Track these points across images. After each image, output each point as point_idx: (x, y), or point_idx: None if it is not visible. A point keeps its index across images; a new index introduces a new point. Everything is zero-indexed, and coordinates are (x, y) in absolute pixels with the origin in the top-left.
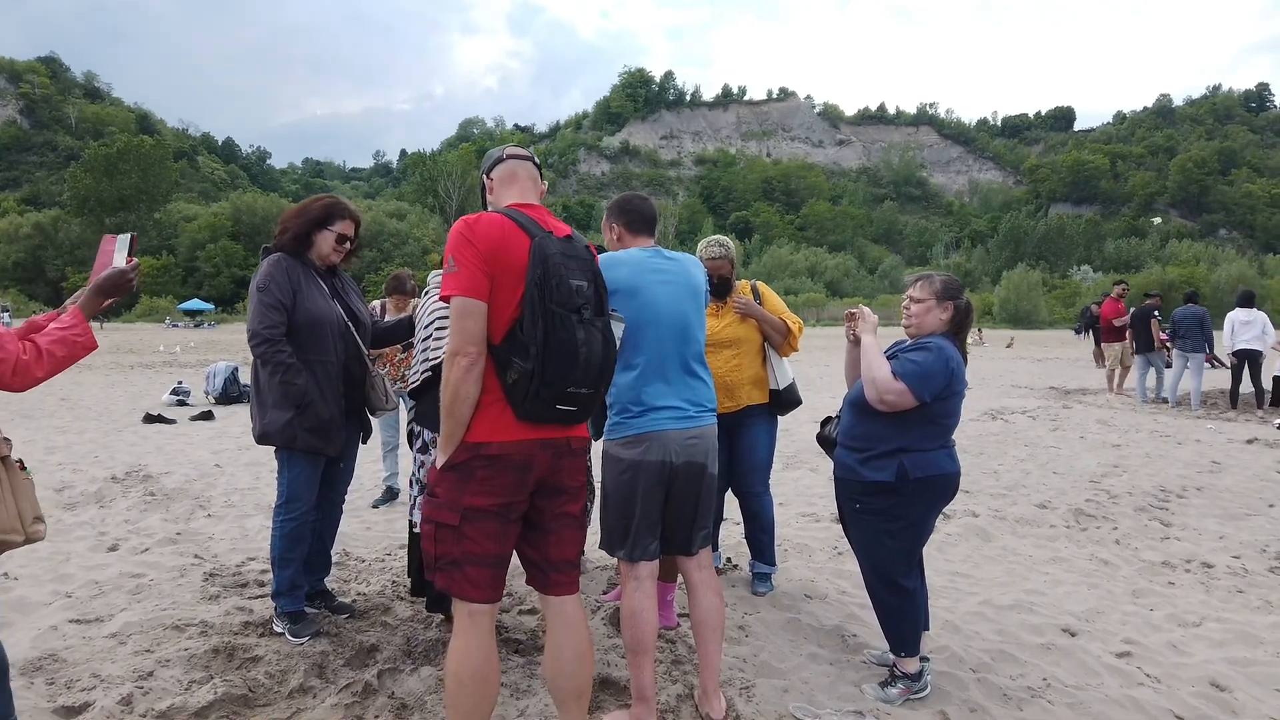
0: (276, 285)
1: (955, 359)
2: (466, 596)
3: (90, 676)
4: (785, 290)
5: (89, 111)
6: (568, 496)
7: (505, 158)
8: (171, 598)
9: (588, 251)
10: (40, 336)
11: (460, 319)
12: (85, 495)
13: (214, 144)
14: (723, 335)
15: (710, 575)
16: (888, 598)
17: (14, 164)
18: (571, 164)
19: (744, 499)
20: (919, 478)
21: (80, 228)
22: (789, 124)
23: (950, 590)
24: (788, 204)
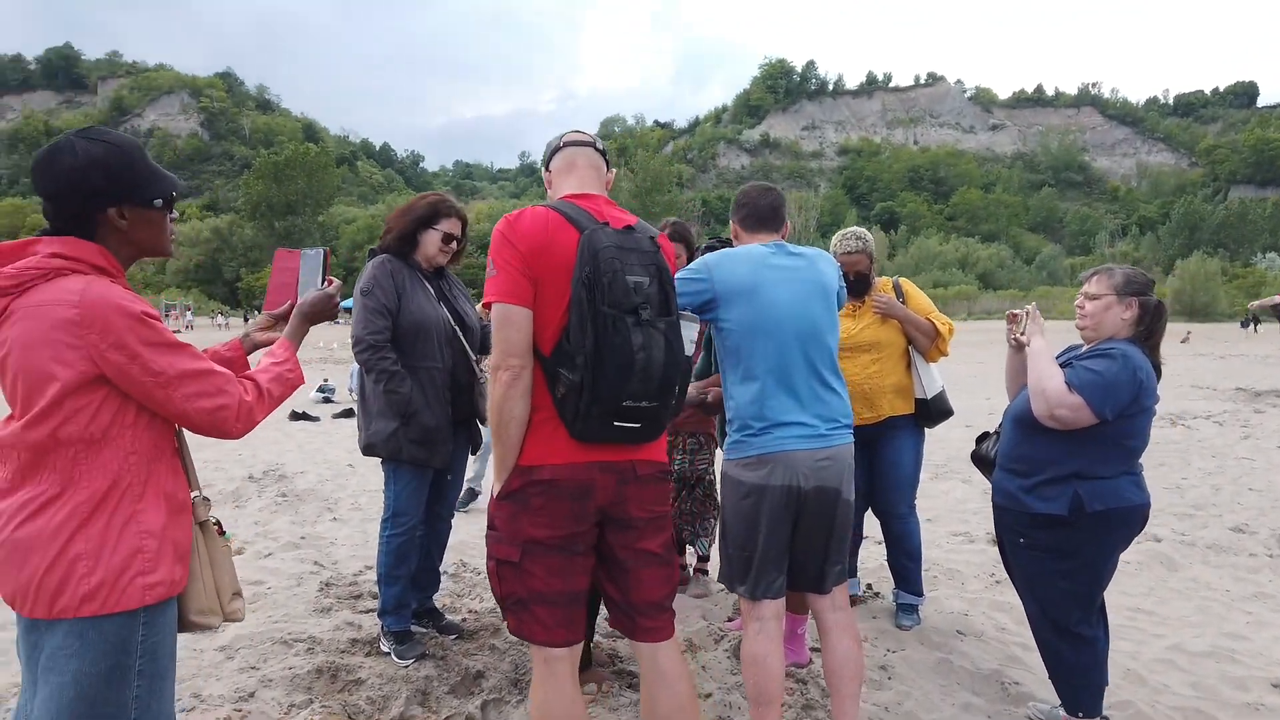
0: (380, 289)
1: (1144, 368)
2: (537, 640)
3: (191, 696)
4: (934, 283)
5: (260, 122)
6: (640, 530)
7: (563, 145)
8: (285, 609)
9: (652, 243)
10: (259, 375)
11: (501, 329)
12: (223, 495)
13: (372, 149)
14: (861, 338)
15: (847, 617)
16: (1060, 647)
17: (196, 173)
18: (710, 158)
19: (886, 520)
20: (1098, 510)
21: (253, 231)
22: (937, 110)
23: (1131, 631)
24: (936, 193)
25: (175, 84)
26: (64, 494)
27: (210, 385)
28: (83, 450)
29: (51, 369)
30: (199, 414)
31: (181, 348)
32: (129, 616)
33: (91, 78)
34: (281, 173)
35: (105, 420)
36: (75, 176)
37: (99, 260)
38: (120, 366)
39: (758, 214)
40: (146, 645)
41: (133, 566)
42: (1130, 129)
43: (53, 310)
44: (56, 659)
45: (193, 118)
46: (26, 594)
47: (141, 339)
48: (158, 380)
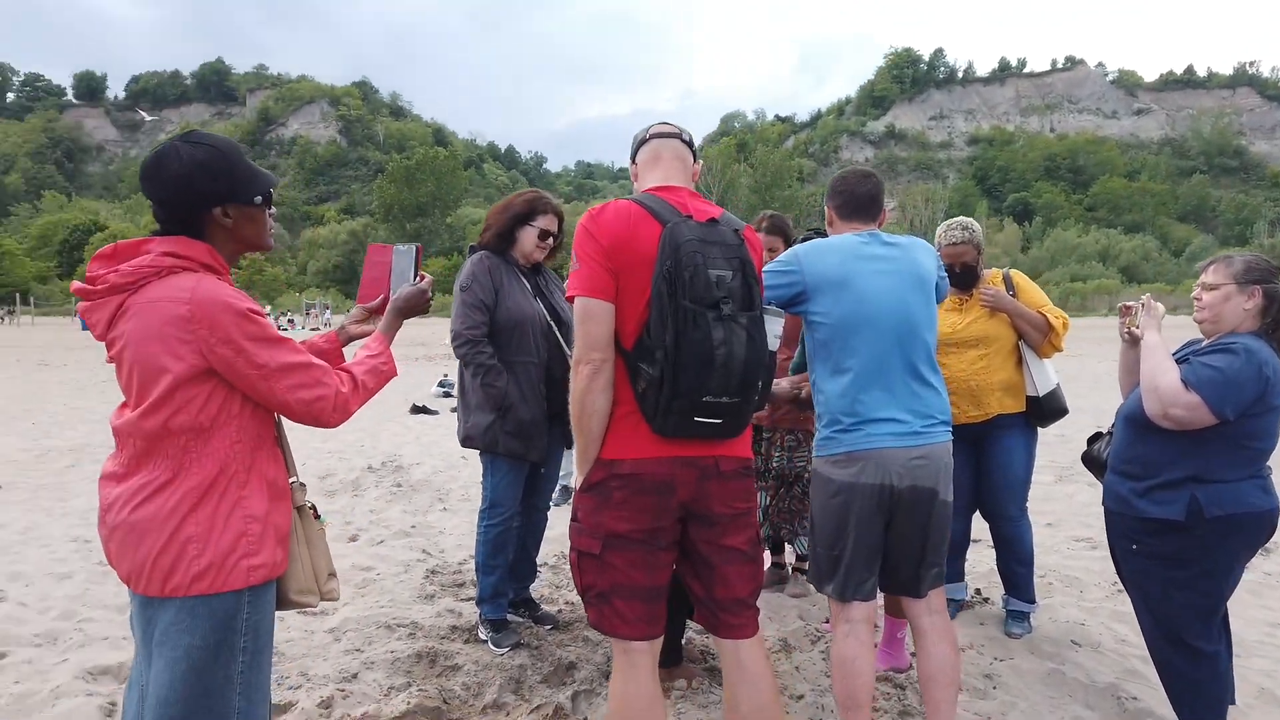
0: (479, 284)
1: (1272, 363)
2: (617, 633)
3: (299, 675)
4: (1071, 276)
5: (393, 128)
6: (723, 527)
7: (649, 137)
8: (391, 594)
9: (737, 236)
10: (355, 367)
11: (583, 322)
12: (343, 484)
13: (497, 152)
14: (967, 333)
15: (943, 621)
16: (1176, 661)
17: (334, 179)
18: (833, 152)
19: (995, 523)
20: (1218, 516)
21: (385, 233)
22: (1076, 95)
23: (1270, 648)
24: (1074, 182)
25: (315, 94)
26: (175, 480)
27: (309, 377)
28: (192, 439)
29: (164, 362)
30: (298, 404)
31: (283, 342)
32: (235, 596)
33: (240, 90)
34: (412, 176)
35: (213, 410)
36: (182, 180)
37: (207, 259)
38: (227, 360)
39: (854, 201)
40: (250, 623)
41: (238, 549)
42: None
43: (166, 307)
44: (169, 634)
45: (331, 125)
46: (141, 573)
47: (247, 334)
48: (261, 373)
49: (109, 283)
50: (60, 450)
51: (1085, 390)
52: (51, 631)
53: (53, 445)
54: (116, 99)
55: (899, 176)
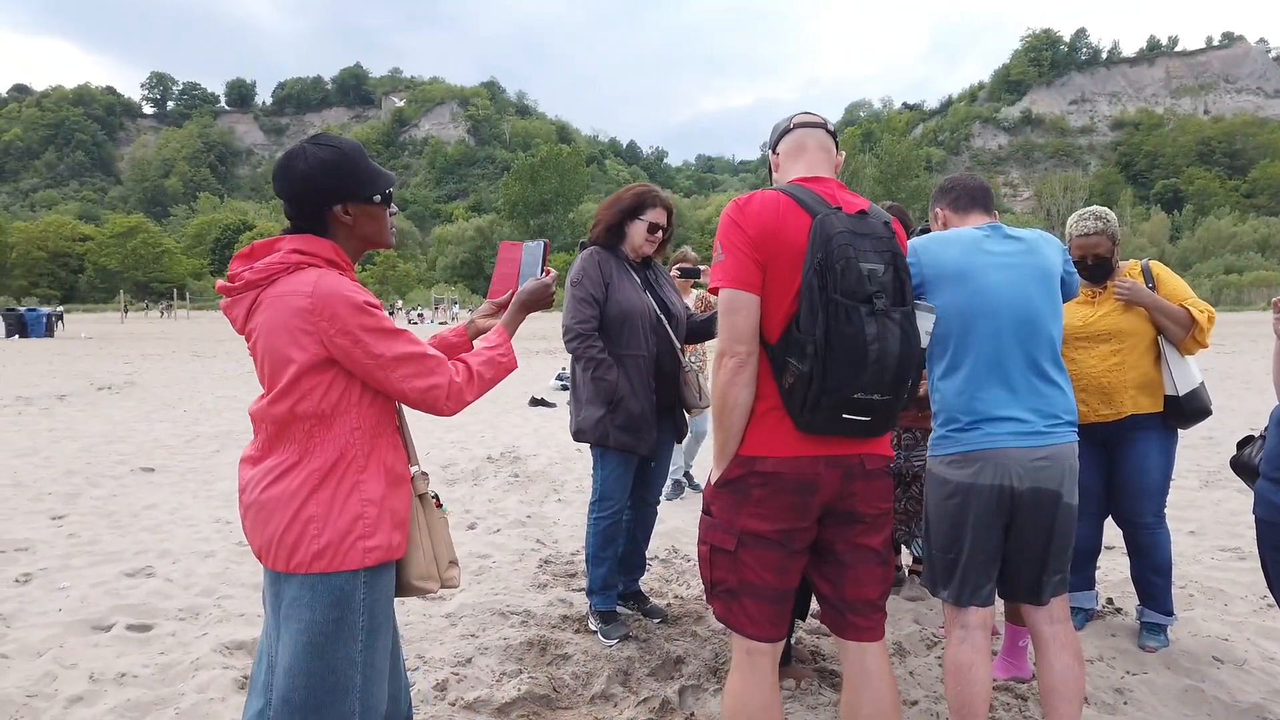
0: (589, 279)
1: None
2: (743, 631)
3: (416, 657)
4: (1226, 268)
5: (519, 127)
6: (864, 526)
7: (793, 127)
8: (506, 582)
9: (887, 229)
10: (471, 358)
11: (727, 314)
12: (464, 473)
13: (619, 147)
14: (1100, 327)
15: (1066, 630)
16: None
17: (463, 177)
18: (964, 139)
19: (1129, 530)
20: None
21: (510, 229)
22: (1233, 74)
23: None
24: (1231, 167)
25: (446, 95)
26: (301, 462)
27: (424, 367)
28: (316, 424)
29: (290, 352)
30: (414, 393)
31: (399, 333)
32: (352, 575)
33: (377, 93)
34: (537, 173)
35: (335, 398)
36: (308, 179)
37: (331, 255)
38: (346, 350)
39: (969, 194)
40: (366, 603)
41: (355, 530)
42: None
43: (291, 300)
44: (293, 608)
45: (461, 125)
46: (269, 549)
47: (363, 326)
48: (377, 362)
49: (245, 279)
50: (207, 436)
51: (1238, 389)
52: (194, 606)
53: (201, 431)
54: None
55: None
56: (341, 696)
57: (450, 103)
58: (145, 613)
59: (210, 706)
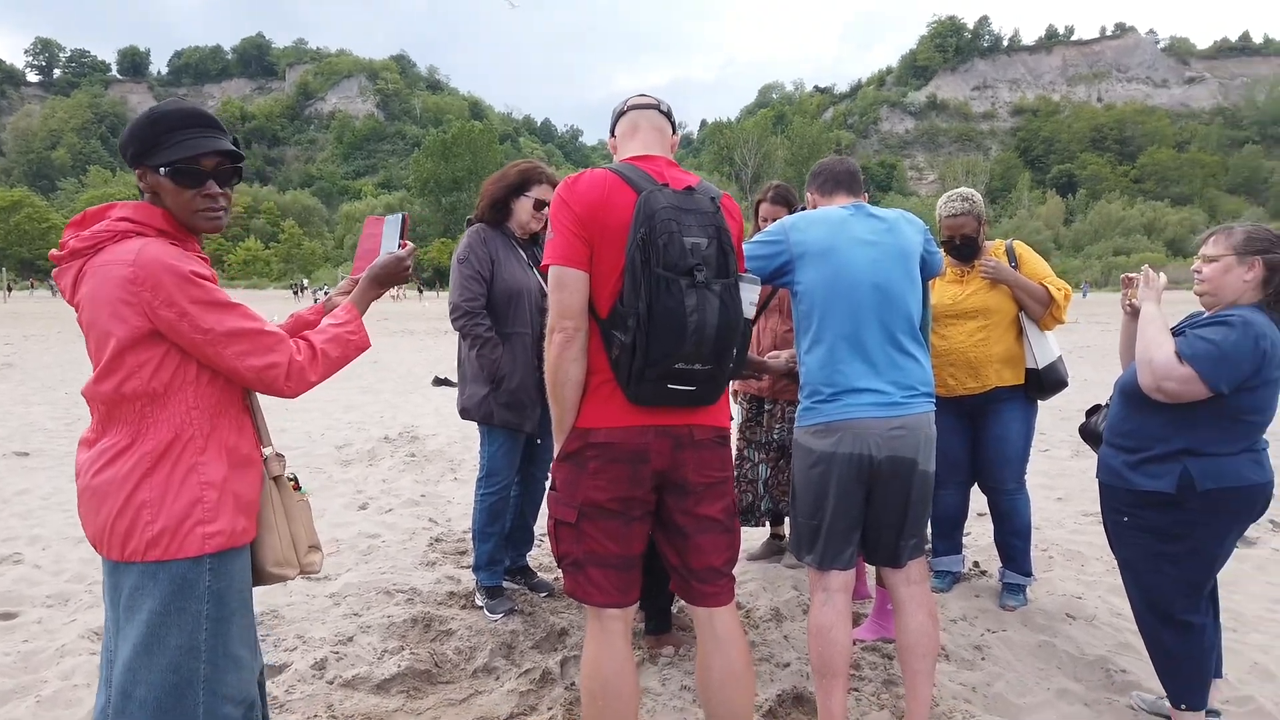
0: (475, 256)
1: (1269, 336)
2: (591, 600)
3: (295, 637)
4: (1116, 250)
5: (430, 102)
6: (698, 496)
7: (627, 109)
8: (394, 561)
9: (714, 204)
10: (314, 335)
11: (556, 290)
12: (360, 454)
13: (533, 125)
14: (967, 304)
15: (922, 591)
16: (1163, 635)
17: (371, 153)
18: (872, 123)
19: (993, 497)
20: (1210, 489)
21: (421, 207)
22: (1125, 63)
23: (1269, 624)
24: (1121, 153)
25: (354, 68)
26: (133, 445)
27: (259, 344)
28: (148, 404)
29: (110, 325)
30: (250, 371)
31: (231, 307)
32: (194, 563)
33: (280, 65)
34: (448, 151)
35: (167, 376)
36: (122, 140)
37: (163, 224)
38: (171, 323)
39: (835, 177)
40: (213, 591)
41: (193, 515)
42: None
43: (113, 269)
44: (133, 598)
45: (369, 100)
46: (102, 537)
47: (190, 297)
48: (207, 338)
49: (70, 248)
50: (88, 419)
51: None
52: (63, 593)
53: (82, 414)
54: (160, 74)
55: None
56: (185, 689)
57: (358, 76)
58: (10, 600)
59: (74, 693)
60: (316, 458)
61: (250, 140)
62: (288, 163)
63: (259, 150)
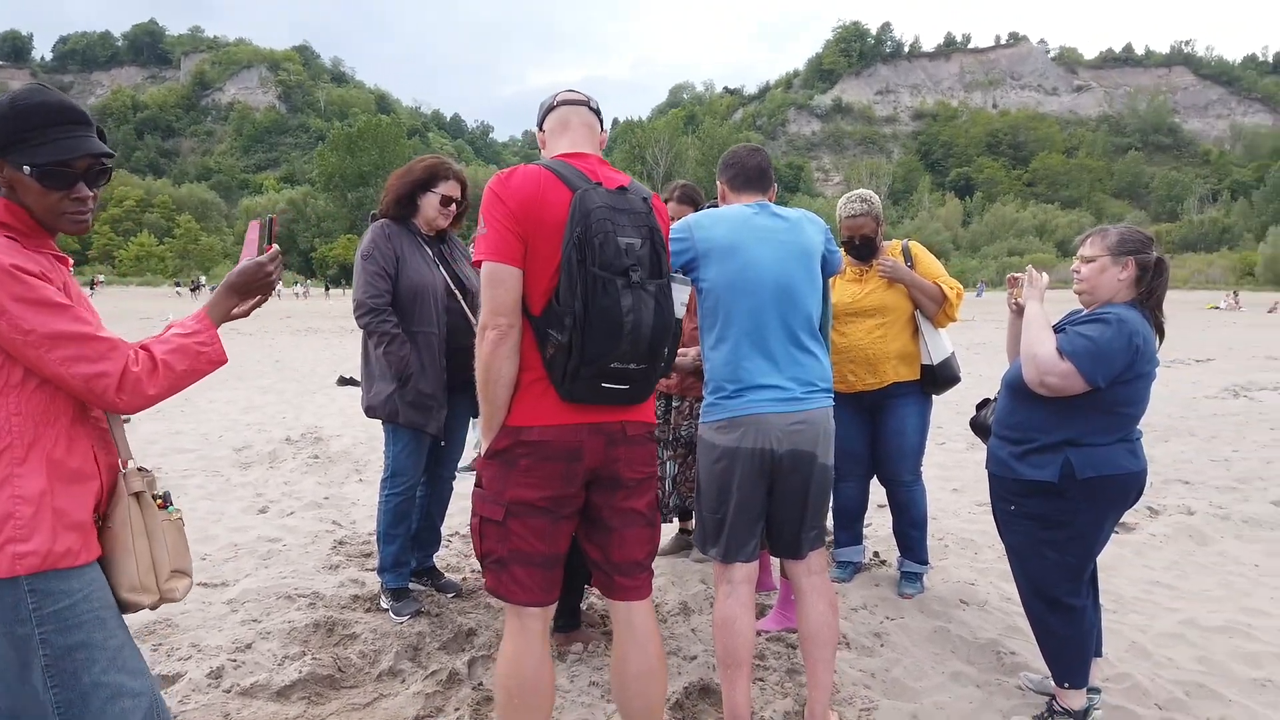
0: (380, 253)
1: (1142, 333)
2: (514, 599)
3: (190, 646)
4: (1010, 250)
5: (335, 95)
6: (628, 490)
7: (557, 104)
8: (295, 565)
9: (646, 205)
10: (157, 345)
11: (490, 287)
12: (260, 455)
13: (443, 120)
14: (866, 303)
15: (822, 581)
16: (1048, 617)
17: (273, 145)
18: (780, 125)
19: (891, 488)
20: (1089, 478)
21: (325, 202)
22: (1019, 71)
23: (1146, 605)
24: (1015, 158)
25: (254, 58)
26: None
27: (89, 350)
28: None
29: None
30: (76, 380)
31: (60, 308)
32: (10, 584)
33: (175, 53)
34: (354, 145)
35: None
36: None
37: (5, 217)
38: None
39: (745, 174)
40: (44, 615)
41: (3, 532)
42: (1225, 89)
43: None
44: None
45: (271, 91)
46: None
47: (11, 294)
48: (27, 339)
49: None
50: None
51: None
52: None
53: None
54: (44, 61)
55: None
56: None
57: (259, 66)
58: None
59: None
60: (214, 460)
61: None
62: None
63: (152, 141)
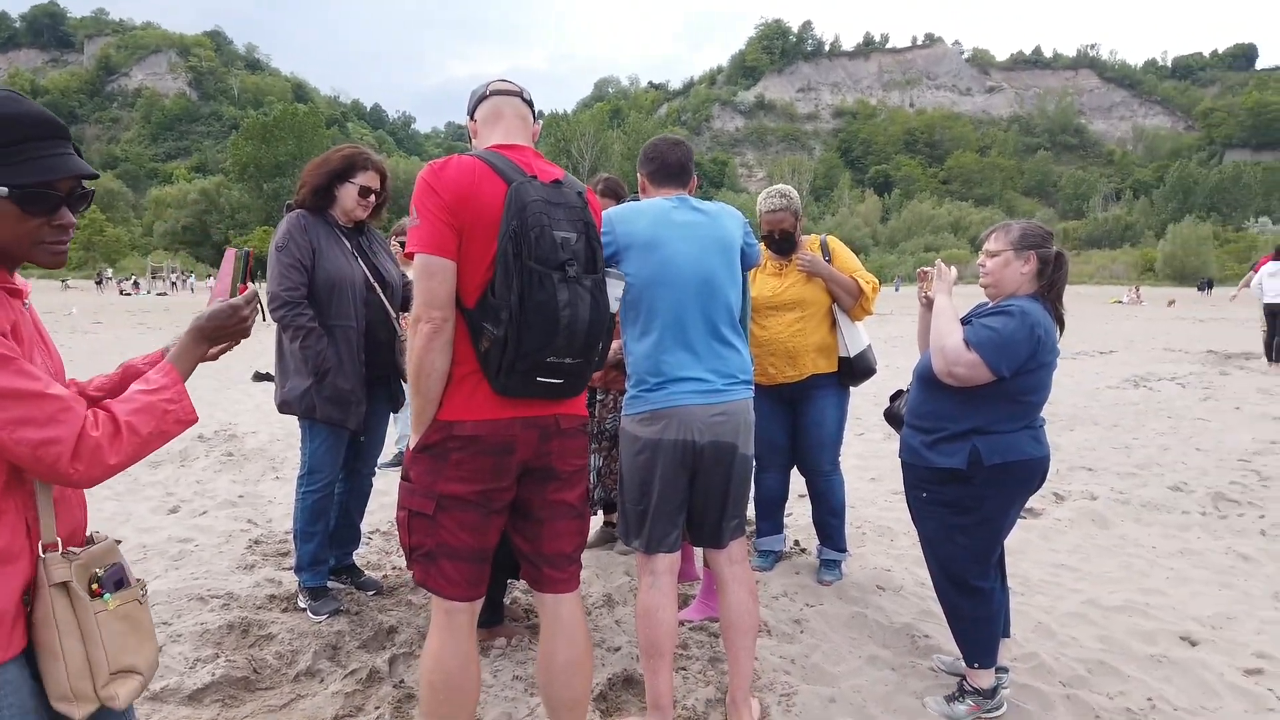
0: (295, 244)
1: (1043, 324)
2: (441, 592)
3: None
4: (926, 247)
5: (250, 82)
6: (560, 483)
7: (489, 94)
8: (208, 566)
9: (580, 199)
10: (120, 405)
11: (423, 279)
12: (170, 454)
13: (362, 110)
14: (785, 297)
15: (743, 570)
16: (958, 600)
17: (184, 134)
18: (705, 120)
19: (810, 478)
20: (995, 464)
21: (240, 193)
22: (934, 71)
23: (1051, 586)
24: (931, 156)
25: (162, 43)
26: None
27: (38, 411)
28: None
29: None
30: (21, 446)
31: (5, 360)
32: None
33: (78, 36)
34: (270, 134)
35: None
36: None
37: None
38: None
39: (666, 168)
40: None
41: None
42: (1127, 91)
43: None
44: None
45: (180, 77)
46: None
47: None
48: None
49: None
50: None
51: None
52: None
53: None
54: None
55: (768, 147)
56: None
57: (168, 51)
58: None
59: None
60: None
61: None
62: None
63: None
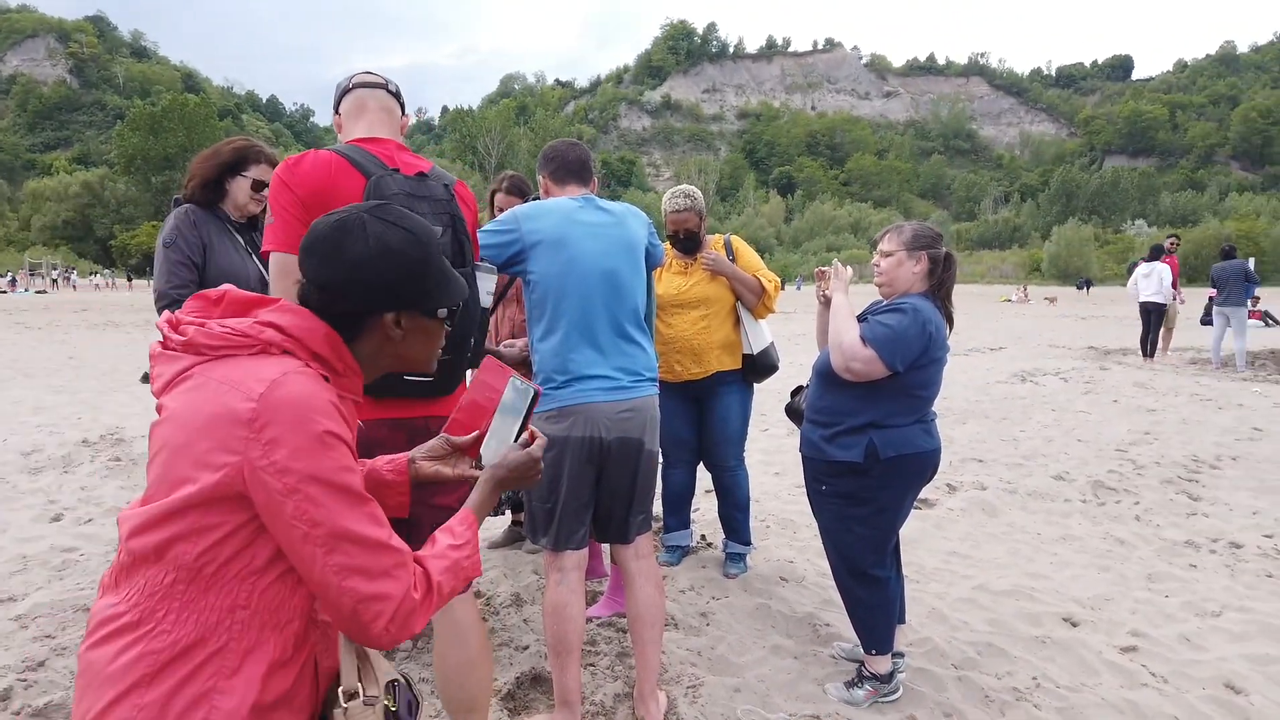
0: (184, 240)
1: (934, 321)
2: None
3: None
4: (828, 247)
5: (136, 71)
6: (433, 488)
7: (353, 86)
8: (94, 576)
9: (447, 192)
10: (432, 563)
11: (279, 279)
12: (51, 460)
13: (258, 102)
14: (690, 295)
15: (650, 564)
16: (855, 589)
17: (64, 124)
18: (612, 119)
19: (715, 473)
20: (890, 457)
21: (126, 186)
22: (834, 76)
23: (944, 573)
24: (832, 158)
25: (40, 27)
26: (140, 628)
27: (376, 562)
28: (182, 580)
29: (192, 470)
30: (343, 595)
31: (359, 499)
32: None
33: None
34: (158, 124)
35: (226, 553)
36: (363, 269)
37: (324, 348)
38: (272, 494)
39: (566, 166)
40: None
41: None
42: (1015, 99)
43: (227, 396)
44: None
45: (60, 64)
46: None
47: (313, 470)
48: (311, 532)
49: (187, 336)
50: None
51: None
52: None
53: None
54: None
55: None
56: None
57: (46, 36)
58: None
59: None
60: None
61: None
62: None
63: None
